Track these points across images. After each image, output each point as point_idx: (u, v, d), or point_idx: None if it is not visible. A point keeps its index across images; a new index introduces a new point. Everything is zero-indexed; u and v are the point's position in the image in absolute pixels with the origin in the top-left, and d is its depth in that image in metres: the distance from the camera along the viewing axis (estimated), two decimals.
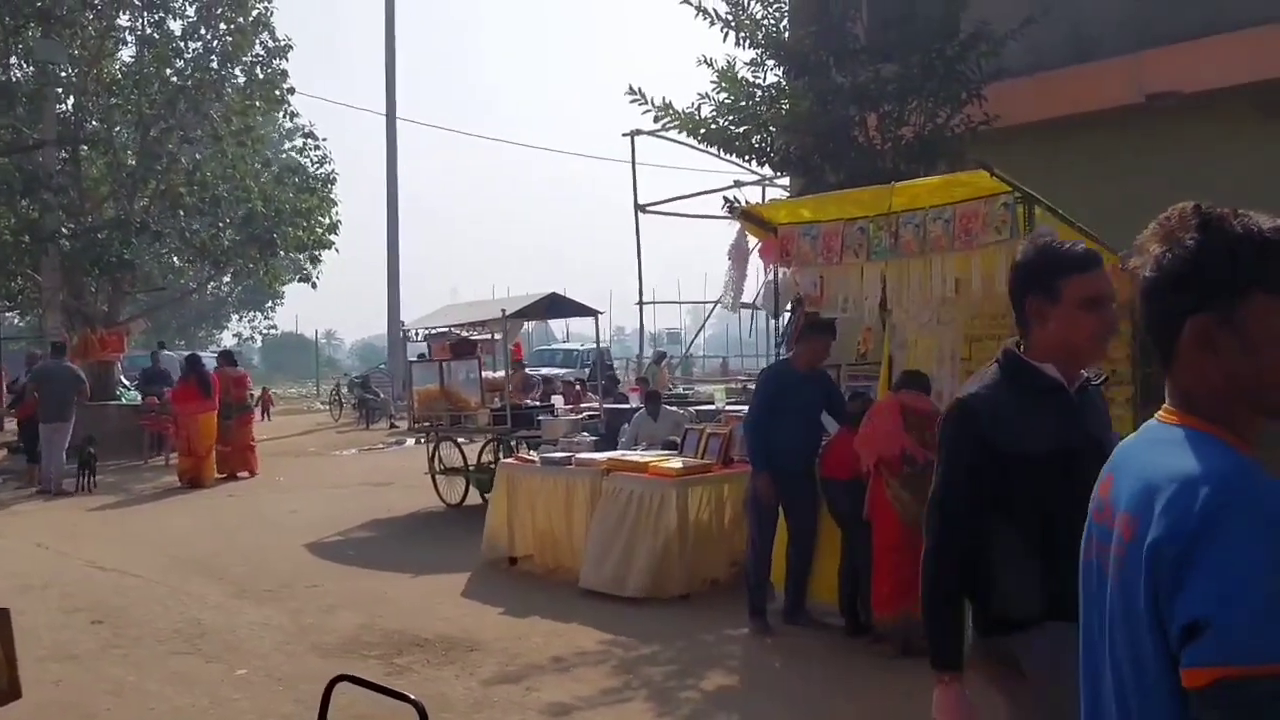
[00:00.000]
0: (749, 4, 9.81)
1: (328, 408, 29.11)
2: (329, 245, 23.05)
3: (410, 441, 17.91)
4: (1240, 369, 1.49)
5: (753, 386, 8.44)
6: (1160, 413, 1.61)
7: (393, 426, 22.92)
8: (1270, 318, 1.46)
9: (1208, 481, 1.40)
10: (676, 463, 7.80)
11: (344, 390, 28.43)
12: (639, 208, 15.59)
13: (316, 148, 25.16)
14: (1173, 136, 9.38)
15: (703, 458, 7.90)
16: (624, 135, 15.69)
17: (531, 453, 9.52)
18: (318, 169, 24.58)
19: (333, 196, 23.48)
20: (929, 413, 5.98)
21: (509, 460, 9.68)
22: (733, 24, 9.72)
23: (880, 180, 7.78)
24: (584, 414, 12.35)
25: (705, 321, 22.10)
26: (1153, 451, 1.53)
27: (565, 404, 13.25)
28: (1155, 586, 1.40)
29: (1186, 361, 1.53)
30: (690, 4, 9.71)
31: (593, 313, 13.66)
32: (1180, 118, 9.35)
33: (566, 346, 32.03)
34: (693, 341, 26.45)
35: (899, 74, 9.45)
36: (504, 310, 12.07)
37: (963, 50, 9.36)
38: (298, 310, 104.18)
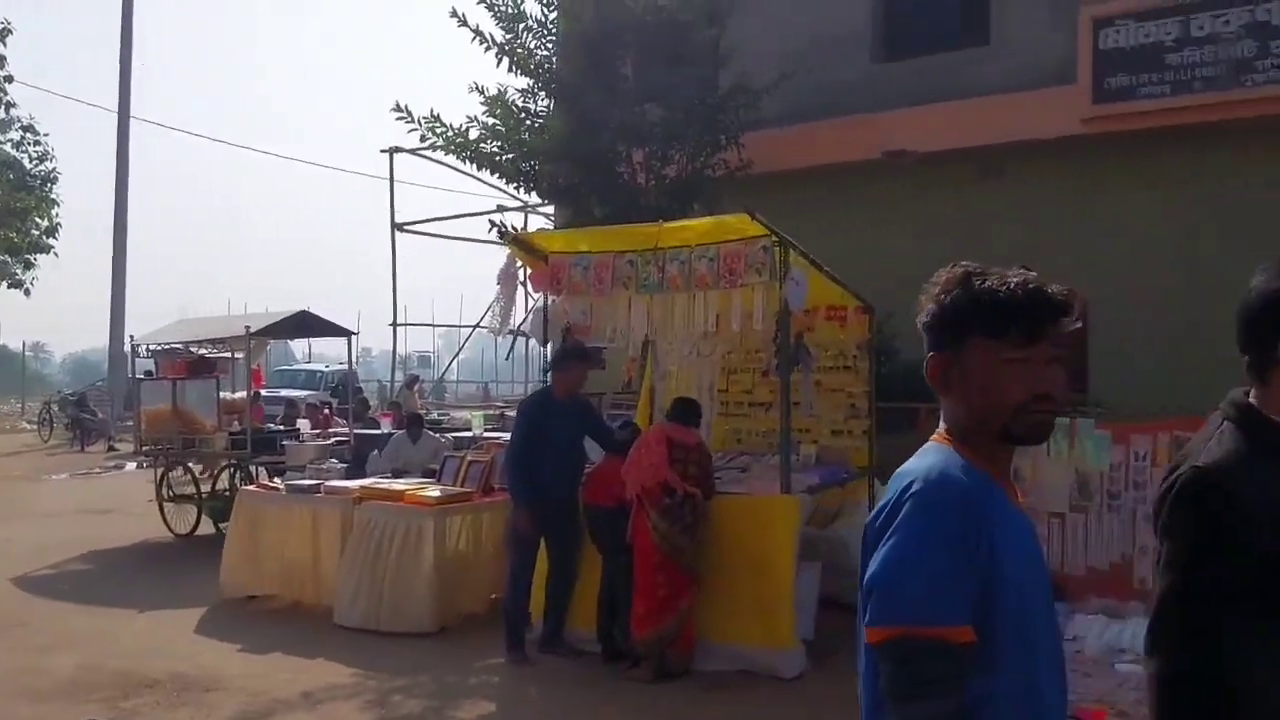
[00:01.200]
0: (523, 34, 9.88)
1: (36, 427, 26.35)
2: (46, 249, 20.99)
3: (131, 465, 16.51)
4: (968, 399, 1.78)
5: (512, 414, 8.39)
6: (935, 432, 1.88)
7: (111, 449, 21.05)
8: (981, 358, 1.75)
9: (911, 474, 1.73)
10: (434, 491, 7.60)
11: (55, 409, 25.82)
12: (396, 226, 15.22)
13: (36, 143, 22.92)
14: (909, 191, 10.25)
15: (462, 485, 7.74)
16: (383, 152, 15.33)
17: (275, 480, 9.00)
18: (36, 166, 22.36)
19: (53, 196, 21.42)
20: (694, 445, 6.17)
21: (250, 488, 9.09)
22: (507, 50, 9.75)
23: (643, 215, 8.03)
24: (332, 439, 11.83)
25: (461, 346, 21.78)
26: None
27: (312, 428, 12.65)
28: (866, 560, 1.72)
29: (939, 392, 1.83)
30: (468, 27, 9.66)
31: (345, 333, 13.16)
32: (916, 174, 10.23)
33: (310, 367, 30.58)
34: (448, 366, 26.03)
35: (664, 117, 9.81)
36: (248, 327, 11.40)
37: (724, 100, 9.85)
38: (1, 319, 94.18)
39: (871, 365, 7.66)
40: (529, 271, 7.21)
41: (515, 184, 10.09)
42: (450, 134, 9.73)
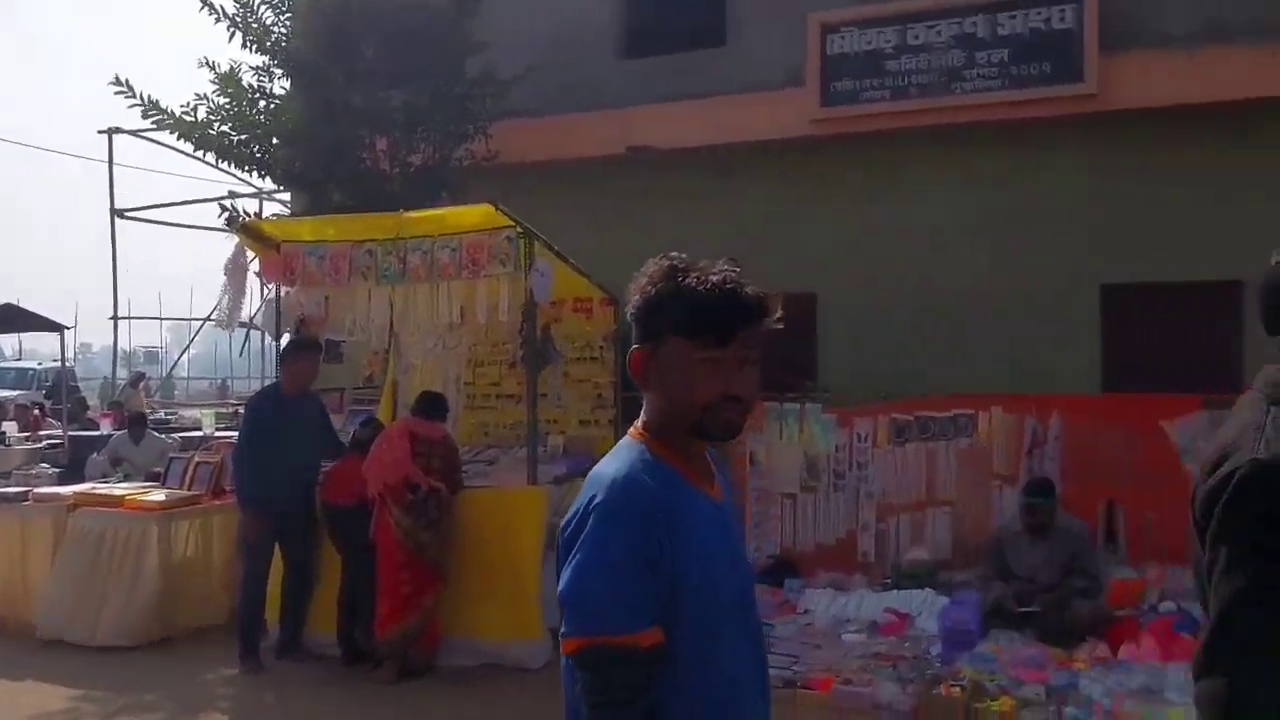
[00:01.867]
0: (258, 7, 9.34)
1: None
2: None
3: None
4: (663, 394, 1.82)
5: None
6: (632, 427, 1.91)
7: None
8: (676, 355, 1.79)
9: (598, 483, 1.76)
10: (159, 495, 7.09)
11: None
12: (116, 212, 14.07)
13: None
14: (653, 186, 10.50)
15: (190, 488, 7.26)
16: (100, 133, 14.14)
17: None
18: None
19: None
20: (438, 439, 6.06)
21: None
22: (239, 24, 9.18)
23: (385, 205, 7.79)
24: (43, 442, 10.80)
25: (190, 340, 20.39)
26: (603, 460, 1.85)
27: (20, 431, 11.49)
28: (561, 568, 1.76)
29: (639, 385, 1.86)
30: None
31: (56, 327, 12.03)
32: (659, 169, 10.49)
33: (19, 365, 27.73)
34: (176, 362, 24.32)
35: (408, 103, 9.56)
36: None
37: (471, 89, 9.72)
38: None
39: (617, 356, 7.80)
40: (260, 262, 6.84)
41: (247, 169, 9.52)
42: (174, 115, 9.06)
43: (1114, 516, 7.29)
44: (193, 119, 9.13)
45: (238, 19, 9.22)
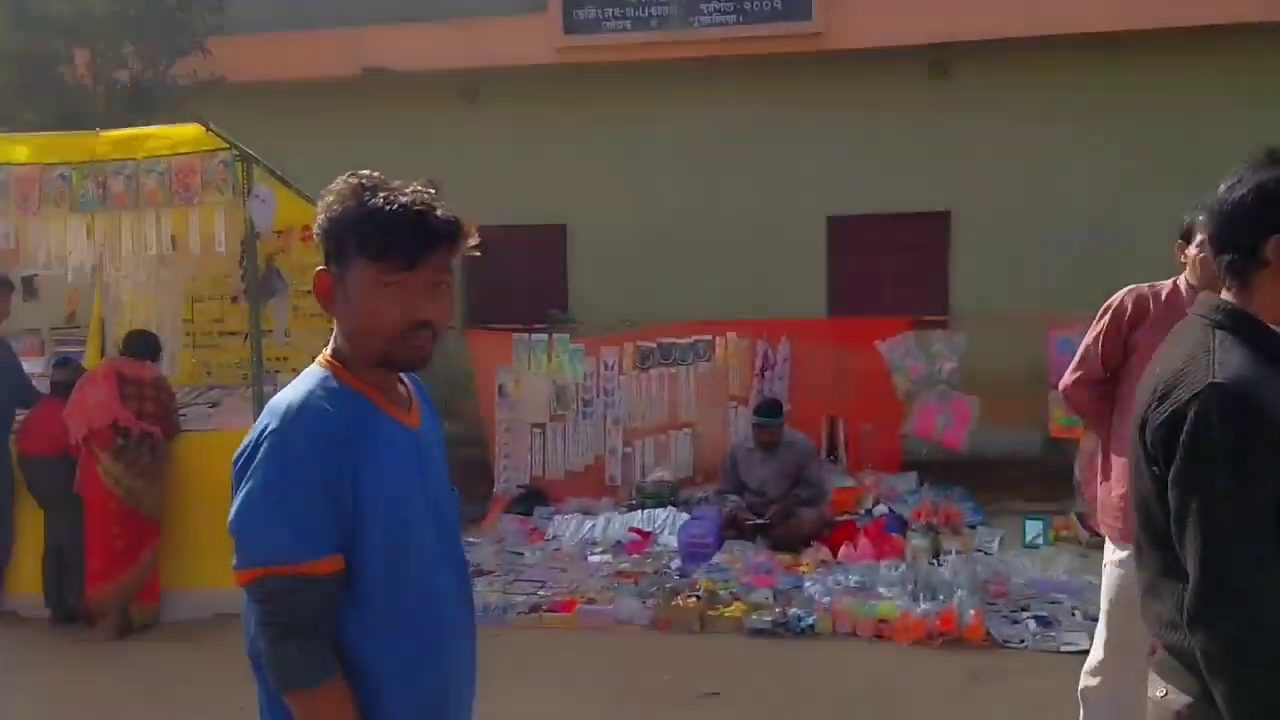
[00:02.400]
0: None
1: None
2: None
3: None
4: (349, 320, 1.75)
5: None
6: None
7: None
8: (362, 279, 1.70)
9: (273, 411, 1.70)
10: None
11: None
12: None
13: None
14: (392, 110, 10.09)
15: None
16: None
17: None
18: None
19: None
20: (149, 380, 5.63)
21: None
22: None
23: (92, 125, 7.06)
24: None
25: None
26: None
27: None
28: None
29: (325, 309, 1.79)
30: None
31: None
32: (398, 93, 10.08)
33: None
34: None
35: (114, 12, 8.66)
36: None
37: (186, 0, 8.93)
38: None
39: None
40: None
41: None
42: None
43: (836, 430, 7.82)
44: None
45: None
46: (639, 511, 7.29)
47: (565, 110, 10.21)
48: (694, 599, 5.53)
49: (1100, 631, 3.37)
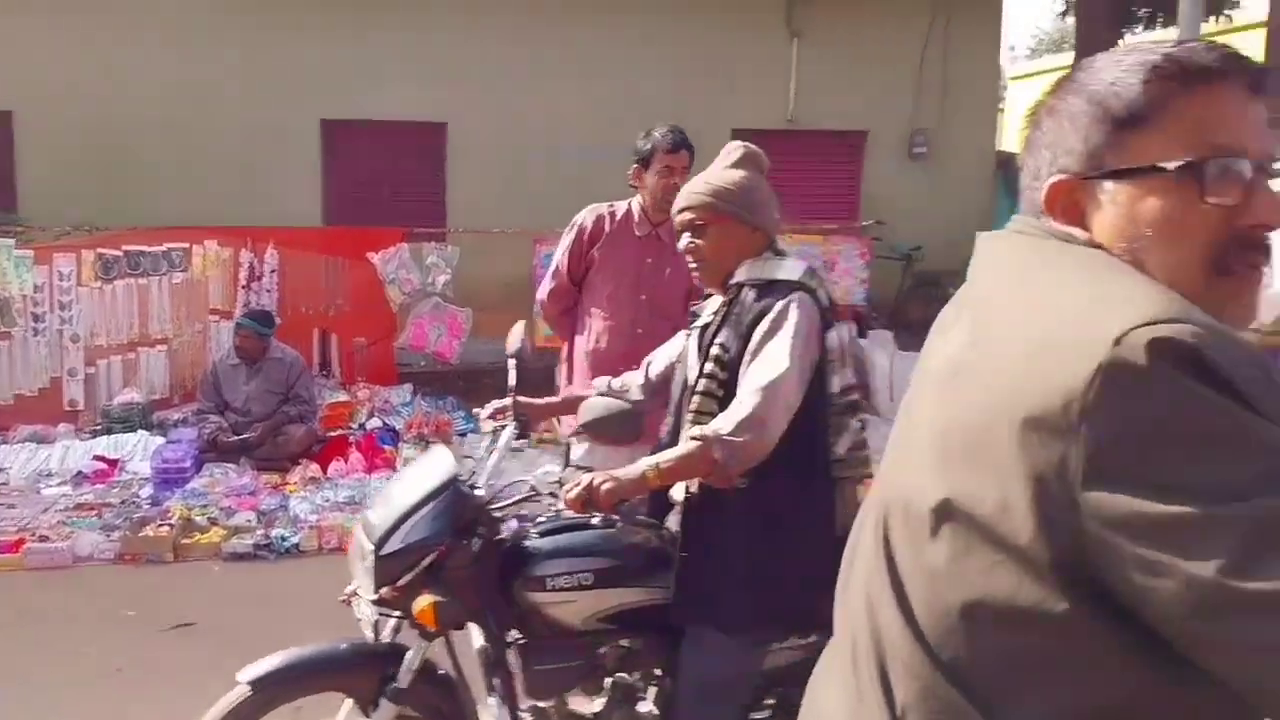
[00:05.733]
0: None
1: None
2: None
3: None
4: None
5: None
6: None
7: None
8: None
9: None
10: None
11: None
12: None
13: None
14: None
15: None
16: None
17: None
18: None
19: None
20: None
21: None
22: None
23: None
24: None
25: None
26: None
27: None
28: None
29: None
30: None
31: None
32: None
33: None
34: None
35: None
36: None
37: None
38: None
39: None
40: None
41: None
42: None
43: (328, 344, 7.63)
44: None
45: None
46: (105, 437, 6.63)
47: None
48: (166, 528, 5.15)
49: None
